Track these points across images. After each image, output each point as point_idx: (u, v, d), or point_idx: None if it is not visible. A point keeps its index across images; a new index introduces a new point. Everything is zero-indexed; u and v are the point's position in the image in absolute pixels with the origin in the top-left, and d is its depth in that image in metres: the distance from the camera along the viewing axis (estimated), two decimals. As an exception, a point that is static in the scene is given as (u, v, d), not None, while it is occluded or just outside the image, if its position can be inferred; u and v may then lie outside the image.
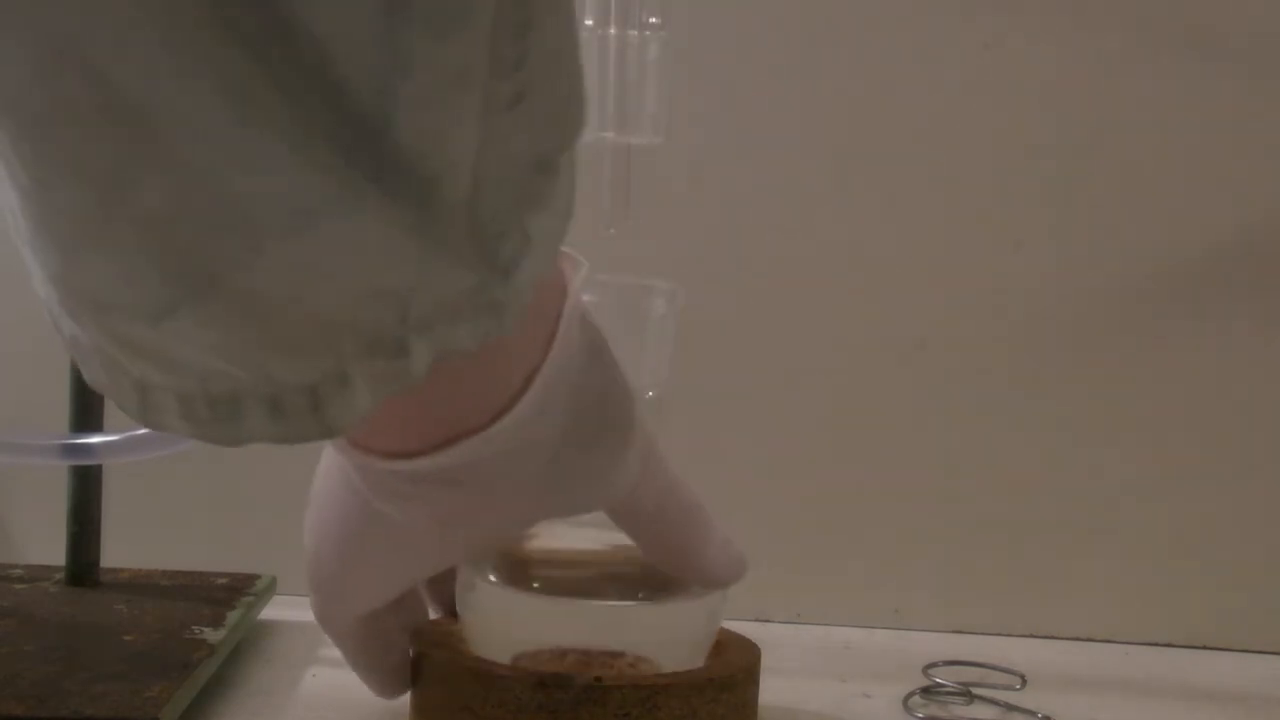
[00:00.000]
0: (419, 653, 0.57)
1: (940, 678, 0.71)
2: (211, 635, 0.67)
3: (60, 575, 0.76)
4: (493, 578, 0.57)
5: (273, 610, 0.78)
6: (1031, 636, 0.84)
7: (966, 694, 0.70)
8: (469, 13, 0.31)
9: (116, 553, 0.79)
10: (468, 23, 0.31)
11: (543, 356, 0.45)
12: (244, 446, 0.36)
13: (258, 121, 0.29)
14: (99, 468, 0.76)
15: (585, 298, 0.55)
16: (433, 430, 0.44)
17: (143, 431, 0.71)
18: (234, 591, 0.75)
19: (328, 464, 0.53)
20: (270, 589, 0.78)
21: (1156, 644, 0.84)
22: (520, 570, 0.58)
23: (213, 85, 0.29)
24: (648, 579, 0.58)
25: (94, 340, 0.35)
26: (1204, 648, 0.84)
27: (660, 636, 0.57)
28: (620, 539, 0.56)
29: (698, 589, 0.57)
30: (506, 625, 0.57)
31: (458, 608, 0.58)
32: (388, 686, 0.59)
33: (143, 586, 0.76)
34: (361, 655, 0.58)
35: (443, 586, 0.60)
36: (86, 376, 0.37)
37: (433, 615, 0.60)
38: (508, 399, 0.44)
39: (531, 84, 0.34)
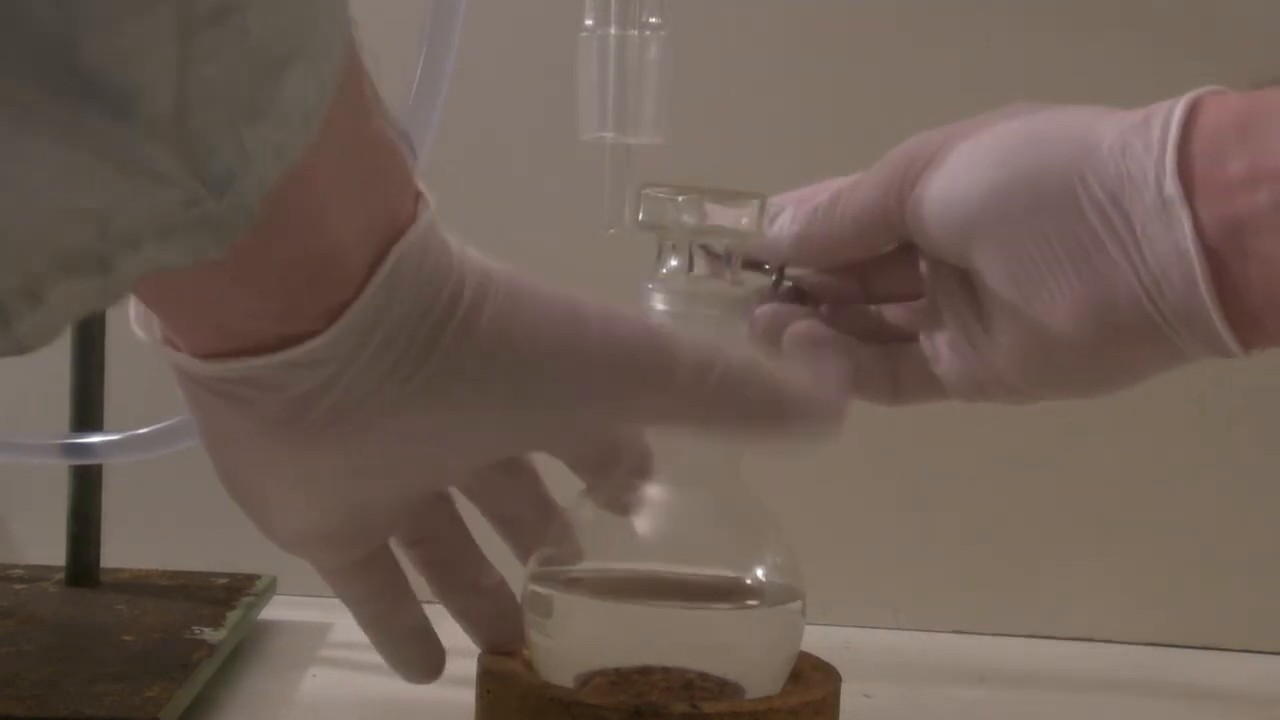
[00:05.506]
0: (488, 683, 0.54)
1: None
2: (211, 635, 0.67)
3: (60, 575, 0.76)
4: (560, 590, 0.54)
5: (273, 610, 0.78)
6: (1031, 636, 0.84)
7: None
8: None
9: (116, 553, 0.79)
10: None
11: (353, 294, 0.44)
12: None
13: None
14: (99, 468, 0.76)
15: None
16: (223, 341, 0.45)
17: (143, 431, 0.72)
18: (234, 591, 0.75)
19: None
20: (270, 589, 0.78)
21: (1156, 644, 0.84)
22: (580, 588, 0.54)
23: None
24: (715, 595, 0.55)
25: None
26: (1204, 648, 0.84)
27: (756, 651, 0.55)
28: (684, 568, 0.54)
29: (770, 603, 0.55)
30: (595, 640, 0.54)
31: (526, 627, 0.54)
32: (398, 655, 0.55)
33: (143, 586, 0.76)
34: (358, 609, 0.55)
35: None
36: None
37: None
38: (302, 330, 0.44)
39: None
